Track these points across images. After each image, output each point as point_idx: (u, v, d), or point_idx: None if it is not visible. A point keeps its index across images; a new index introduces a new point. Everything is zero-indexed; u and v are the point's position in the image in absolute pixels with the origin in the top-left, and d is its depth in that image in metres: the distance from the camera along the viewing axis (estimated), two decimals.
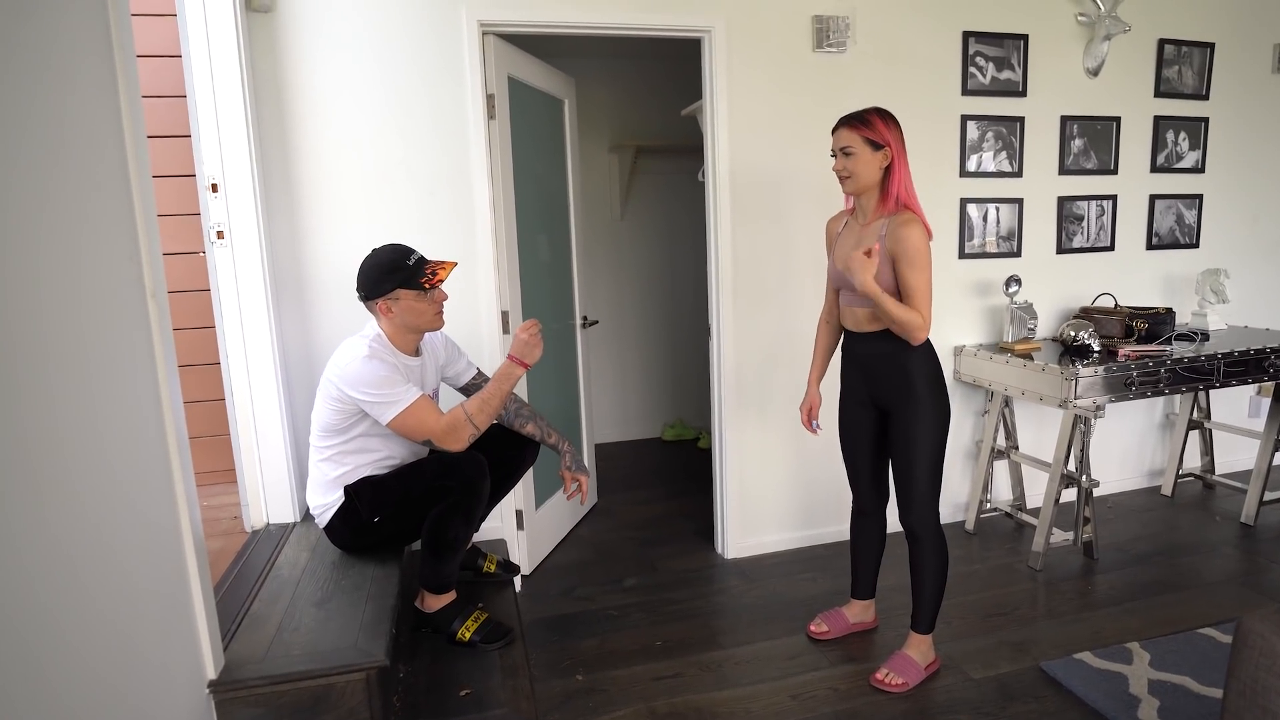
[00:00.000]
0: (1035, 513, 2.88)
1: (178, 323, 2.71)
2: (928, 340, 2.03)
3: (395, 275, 1.96)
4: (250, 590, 1.92)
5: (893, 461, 2.13)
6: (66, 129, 1.15)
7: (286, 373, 2.44)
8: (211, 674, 1.50)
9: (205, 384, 2.68)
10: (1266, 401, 3.29)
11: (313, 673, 1.54)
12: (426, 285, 1.96)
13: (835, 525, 3.11)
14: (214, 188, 2.23)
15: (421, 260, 1.99)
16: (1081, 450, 2.79)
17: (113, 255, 1.27)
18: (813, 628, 2.39)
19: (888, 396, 2.09)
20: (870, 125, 1.98)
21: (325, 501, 2.08)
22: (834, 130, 2.03)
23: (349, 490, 2.04)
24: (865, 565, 2.37)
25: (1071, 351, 2.91)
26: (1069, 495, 3.09)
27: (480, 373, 2.32)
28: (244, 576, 2.02)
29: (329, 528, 2.10)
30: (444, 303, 2.04)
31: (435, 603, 2.06)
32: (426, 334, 2.12)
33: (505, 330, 2.66)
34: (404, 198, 2.52)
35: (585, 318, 3.41)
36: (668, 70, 4.29)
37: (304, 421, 2.43)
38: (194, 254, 2.68)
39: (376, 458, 2.07)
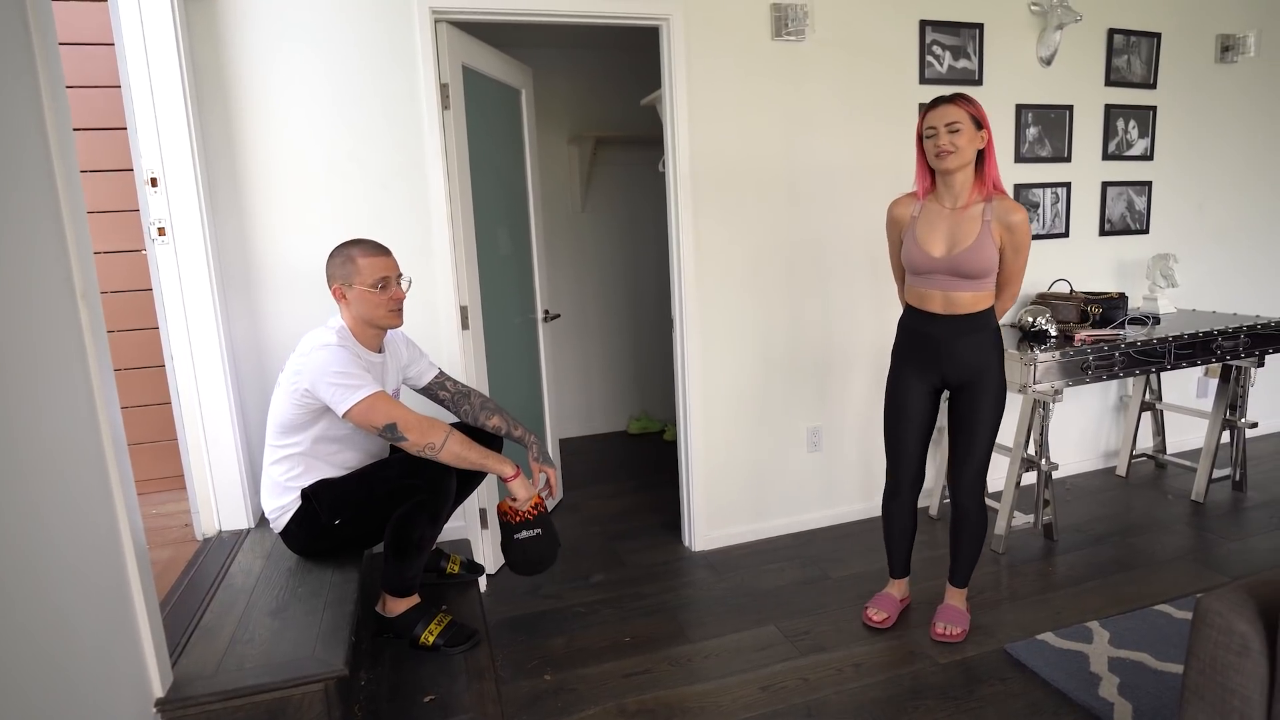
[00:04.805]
0: (997, 497, 2.92)
1: (120, 324, 2.61)
2: (998, 323, 2.18)
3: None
4: (201, 601, 1.84)
5: (954, 437, 2.21)
6: None
7: (236, 374, 2.35)
8: (159, 692, 1.43)
9: (151, 387, 2.58)
10: (1214, 382, 3.39)
11: (267, 686, 1.48)
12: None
13: (802, 515, 3.12)
14: (153, 182, 2.13)
15: None
16: (1040, 434, 2.84)
17: (37, 255, 1.20)
18: (874, 617, 2.38)
19: (962, 375, 2.15)
20: (974, 104, 2.01)
21: (280, 504, 2.01)
22: (933, 107, 2.02)
23: (306, 493, 1.97)
24: (902, 546, 2.41)
25: (1029, 337, 2.96)
26: (1029, 478, 3.15)
27: (442, 372, 2.26)
28: (194, 587, 1.94)
29: (285, 532, 2.03)
30: (401, 301, 1.98)
31: (397, 606, 2.01)
32: (389, 332, 2.07)
33: (465, 326, 2.60)
34: (356, 191, 2.45)
35: (547, 311, 3.36)
36: (626, 60, 4.24)
37: (256, 424, 2.35)
38: (136, 252, 2.57)
39: (335, 460, 2.01)
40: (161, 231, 2.16)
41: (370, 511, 1.97)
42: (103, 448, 1.34)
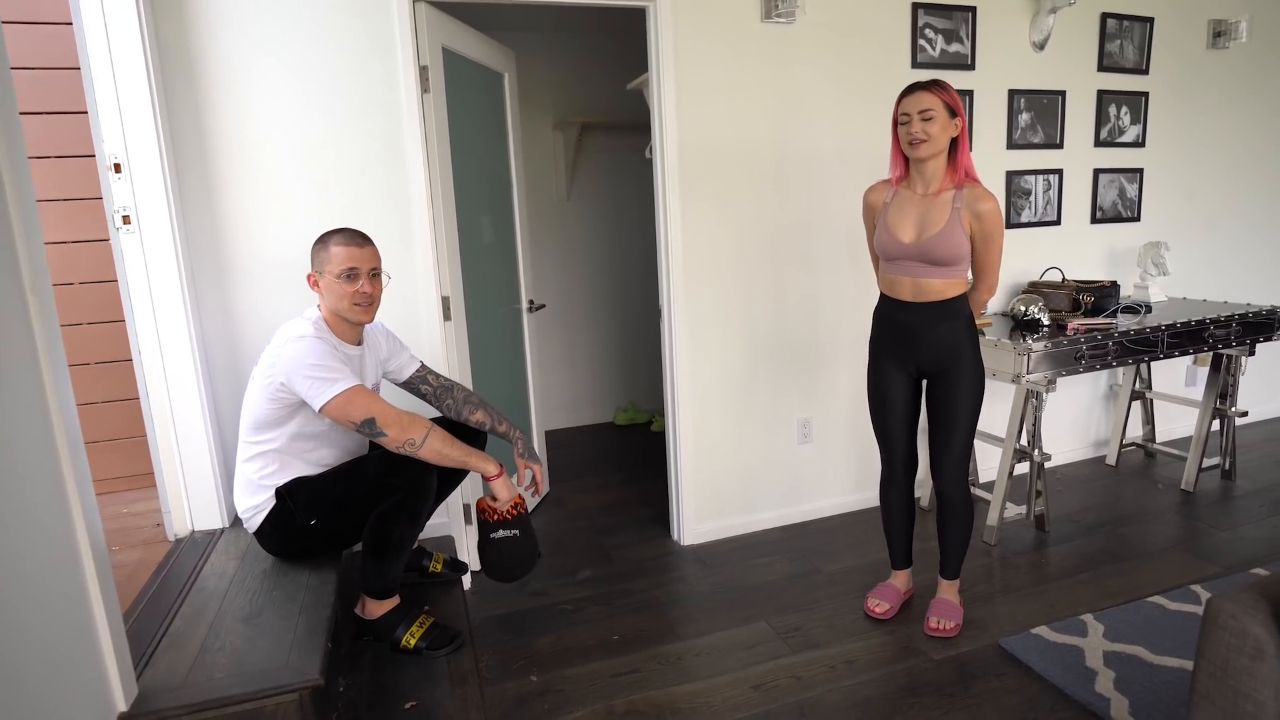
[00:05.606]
0: (988, 488, 2.89)
1: (85, 316, 2.52)
2: (969, 310, 2.13)
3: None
4: (170, 606, 1.76)
5: (933, 425, 2.17)
6: None
7: (208, 368, 2.26)
8: (122, 706, 1.36)
9: (118, 382, 2.49)
10: (1203, 371, 3.37)
11: (238, 697, 1.41)
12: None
13: (792, 507, 3.08)
14: (116, 168, 2.03)
15: None
16: (1033, 425, 2.80)
17: None
18: (875, 608, 2.36)
19: (936, 362, 2.12)
20: (948, 91, 1.98)
21: (254, 504, 1.93)
22: (906, 95, 2.00)
23: (280, 492, 1.90)
24: (901, 534, 2.39)
25: (1022, 326, 2.92)
26: (1020, 469, 3.12)
27: (424, 365, 2.18)
28: (164, 591, 1.86)
29: (259, 532, 1.96)
30: (369, 296, 1.88)
31: (377, 609, 1.94)
32: (366, 326, 1.99)
33: (446, 317, 2.52)
34: (332, 178, 2.36)
35: (532, 301, 3.28)
36: (612, 44, 4.15)
37: (230, 420, 2.27)
38: (100, 241, 2.47)
39: (311, 457, 1.93)
40: (126, 220, 2.06)
41: (348, 511, 1.89)
42: (56, 446, 1.26)
